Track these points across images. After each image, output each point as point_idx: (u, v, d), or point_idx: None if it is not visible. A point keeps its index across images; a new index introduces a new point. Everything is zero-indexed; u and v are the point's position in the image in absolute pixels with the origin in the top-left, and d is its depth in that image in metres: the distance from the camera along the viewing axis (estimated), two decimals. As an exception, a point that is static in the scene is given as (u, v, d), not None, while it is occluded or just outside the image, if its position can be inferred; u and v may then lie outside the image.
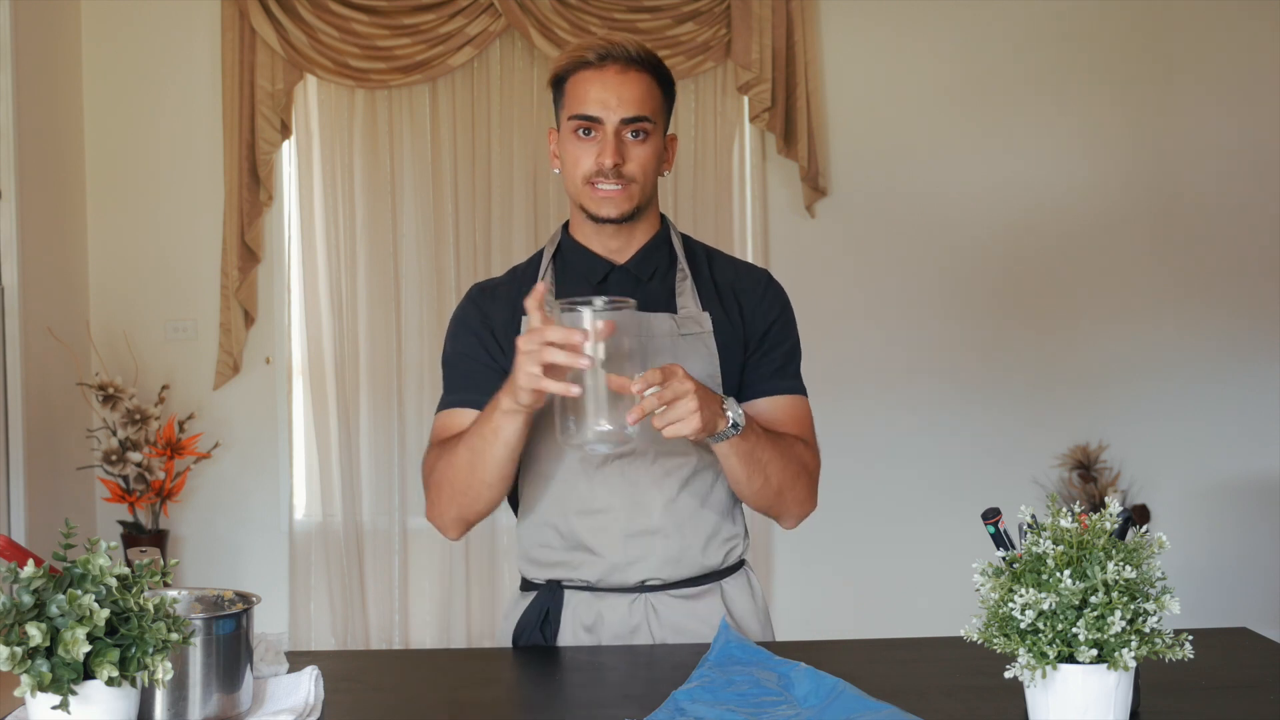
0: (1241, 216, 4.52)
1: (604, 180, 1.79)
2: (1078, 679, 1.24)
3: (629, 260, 1.87)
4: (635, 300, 1.59)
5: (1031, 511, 1.32)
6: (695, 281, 1.87)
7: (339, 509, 4.42)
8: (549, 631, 1.85)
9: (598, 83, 1.78)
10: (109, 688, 1.23)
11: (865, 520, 4.49)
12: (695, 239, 1.97)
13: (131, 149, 4.44)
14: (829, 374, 4.53)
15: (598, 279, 1.86)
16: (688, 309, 1.84)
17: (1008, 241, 4.51)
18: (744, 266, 1.95)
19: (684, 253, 1.90)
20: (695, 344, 1.82)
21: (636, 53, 1.80)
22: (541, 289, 1.58)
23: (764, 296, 1.89)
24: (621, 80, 1.78)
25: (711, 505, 1.85)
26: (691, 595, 1.85)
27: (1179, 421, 4.52)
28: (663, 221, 1.93)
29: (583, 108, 1.79)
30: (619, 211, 1.80)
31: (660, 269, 1.88)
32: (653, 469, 1.82)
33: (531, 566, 1.90)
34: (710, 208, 4.41)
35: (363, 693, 1.59)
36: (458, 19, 4.33)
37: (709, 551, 1.85)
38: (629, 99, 1.78)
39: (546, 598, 1.87)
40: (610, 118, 1.78)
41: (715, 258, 1.94)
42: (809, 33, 4.39)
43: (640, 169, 1.80)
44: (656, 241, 1.89)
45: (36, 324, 3.97)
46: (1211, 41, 4.51)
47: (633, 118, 1.78)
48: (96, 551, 1.27)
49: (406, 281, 4.44)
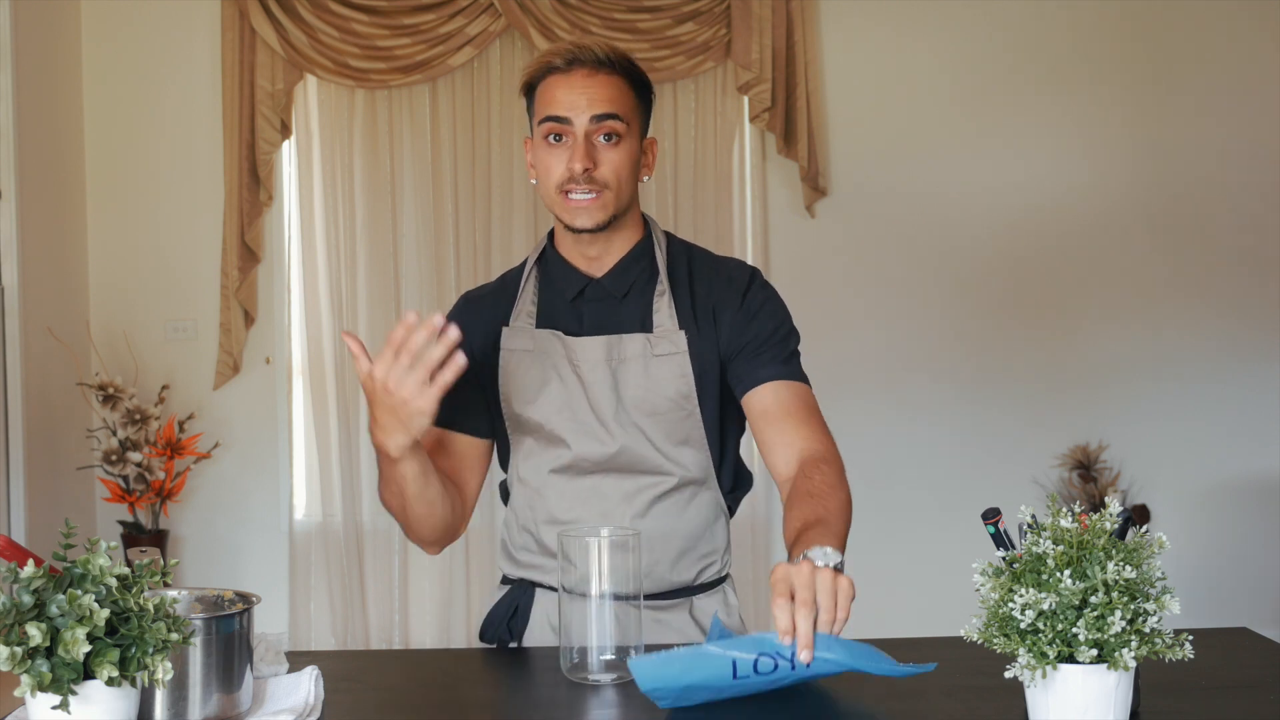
0: (1242, 216, 4.52)
1: (577, 188, 1.75)
2: (1078, 679, 1.24)
3: (605, 274, 1.83)
4: (640, 530, 1.60)
5: (1031, 511, 1.32)
6: (674, 295, 1.82)
7: (339, 509, 4.42)
8: (516, 627, 1.86)
9: (565, 86, 1.76)
10: (109, 688, 1.23)
11: (865, 520, 4.46)
12: (680, 239, 1.92)
13: (131, 149, 4.44)
14: (829, 374, 4.52)
15: (572, 295, 1.83)
16: (664, 326, 1.80)
17: (1008, 241, 4.51)
18: (724, 274, 1.86)
19: (666, 262, 1.85)
20: (669, 365, 1.79)
21: (605, 55, 1.77)
22: (412, 322, 1.50)
23: (742, 308, 1.82)
24: (590, 82, 1.75)
25: (685, 523, 1.83)
26: (660, 607, 1.84)
27: (1179, 421, 4.52)
28: (646, 228, 1.88)
29: (551, 109, 1.76)
30: (593, 221, 1.77)
31: (638, 283, 1.83)
32: (623, 484, 1.80)
33: (508, 563, 1.92)
34: (710, 208, 4.41)
35: (363, 693, 1.59)
36: (458, 19, 4.33)
37: (678, 568, 1.83)
38: (597, 98, 1.75)
39: (518, 594, 1.88)
40: (579, 118, 1.74)
41: (697, 266, 1.87)
42: (809, 33, 4.39)
43: (614, 173, 1.76)
44: (637, 252, 1.84)
45: (36, 324, 3.97)
46: (1212, 42, 4.51)
47: (602, 115, 1.74)
48: (96, 551, 1.27)
49: (406, 281, 4.44)
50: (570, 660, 1.56)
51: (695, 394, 1.80)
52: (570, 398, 1.78)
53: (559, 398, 1.79)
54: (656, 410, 1.79)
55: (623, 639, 1.55)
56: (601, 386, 1.78)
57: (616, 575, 1.54)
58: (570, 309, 1.83)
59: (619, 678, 1.55)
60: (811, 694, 1.55)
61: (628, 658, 1.53)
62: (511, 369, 1.82)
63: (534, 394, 1.80)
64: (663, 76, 4.35)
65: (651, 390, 1.78)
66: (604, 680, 1.55)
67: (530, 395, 1.80)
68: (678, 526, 1.83)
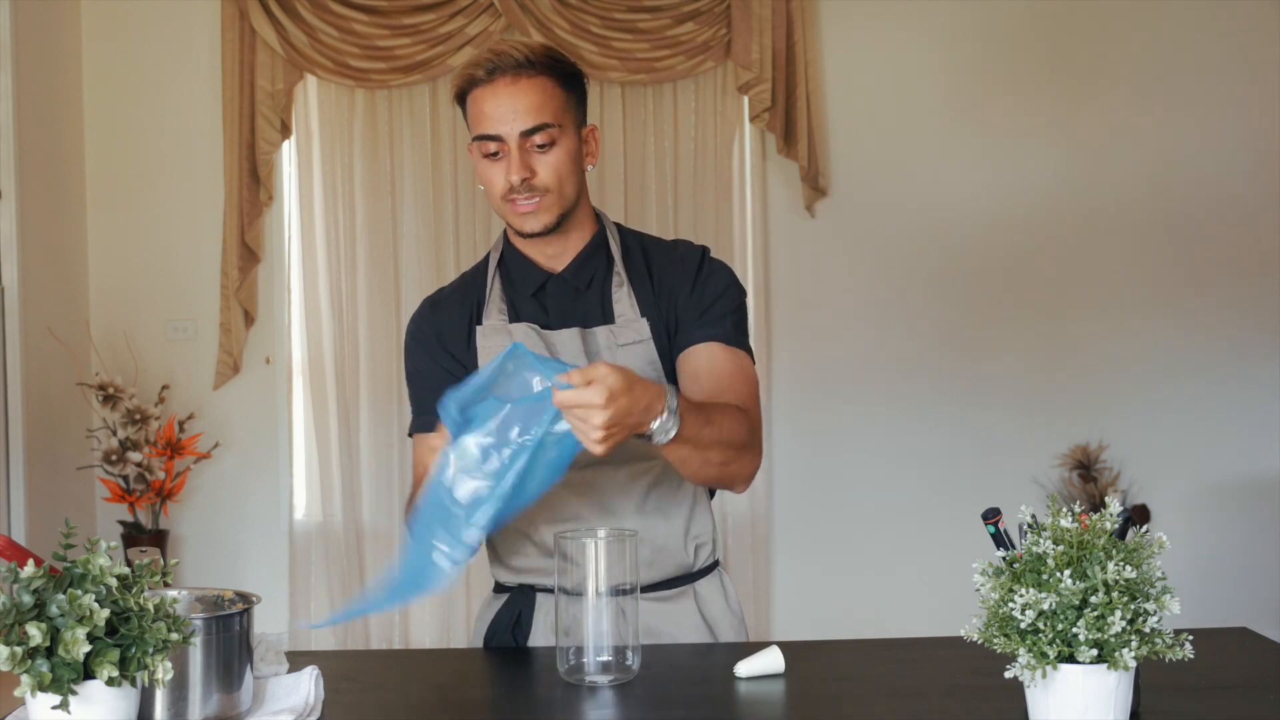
0: (1242, 216, 4.52)
1: (519, 195, 1.76)
2: (1078, 679, 1.24)
3: (565, 269, 1.84)
4: (637, 530, 1.61)
5: (1031, 511, 1.32)
6: (633, 284, 1.83)
7: (339, 509, 4.42)
8: (520, 635, 1.85)
9: (491, 98, 1.74)
10: (109, 688, 1.23)
11: (865, 520, 4.49)
12: (630, 229, 1.93)
13: (131, 149, 4.44)
14: (829, 373, 4.54)
15: (534, 289, 1.84)
16: (625, 316, 1.82)
17: (1008, 241, 4.51)
18: (677, 256, 1.87)
19: (621, 253, 1.86)
20: (635, 353, 1.80)
21: (526, 56, 1.75)
22: None
23: (692, 291, 1.82)
24: (513, 91, 1.74)
25: (681, 502, 1.84)
26: (666, 598, 1.84)
27: (1179, 421, 4.52)
28: (598, 221, 1.89)
29: (481, 127, 1.76)
30: (541, 225, 1.78)
31: (598, 275, 1.84)
32: (618, 474, 1.81)
33: (505, 572, 1.90)
34: (710, 208, 4.41)
35: (363, 693, 1.59)
36: (458, 19, 4.33)
37: (687, 550, 1.85)
38: (524, 109, 1.73)
39: (519, 601, 1.87)
40: (509, 132, 1.74)
41: (652, 254, 1.88)
42: (809, 33, 4.39)
43: (553, 176, 1.76)
44: (593, 246, 1.85)
45: (36, 324, 3.97)
46: (1212, 41, 4.51)
47: (531, 129, 1.74)
48: (96, 551, 1.27)
49: (406, 281, 4.44)
50: (567, 662, 1.56)
51: (665, 380, 1.80)
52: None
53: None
54: None
55: (619, 640, 1.54)
56: None
57: (613, 575, 1.54)
58: (533, 304, 1.84)
59: (616, 679, 1.55)
60: (812, 694, 1.55)
61: (624, 659, 1.53)
62: None
63: None
64: (663, 76, 4.35)
65: None
66: (600, 682, 1.54)
67: None
68: (677, 507, 1.84)
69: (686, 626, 1.85)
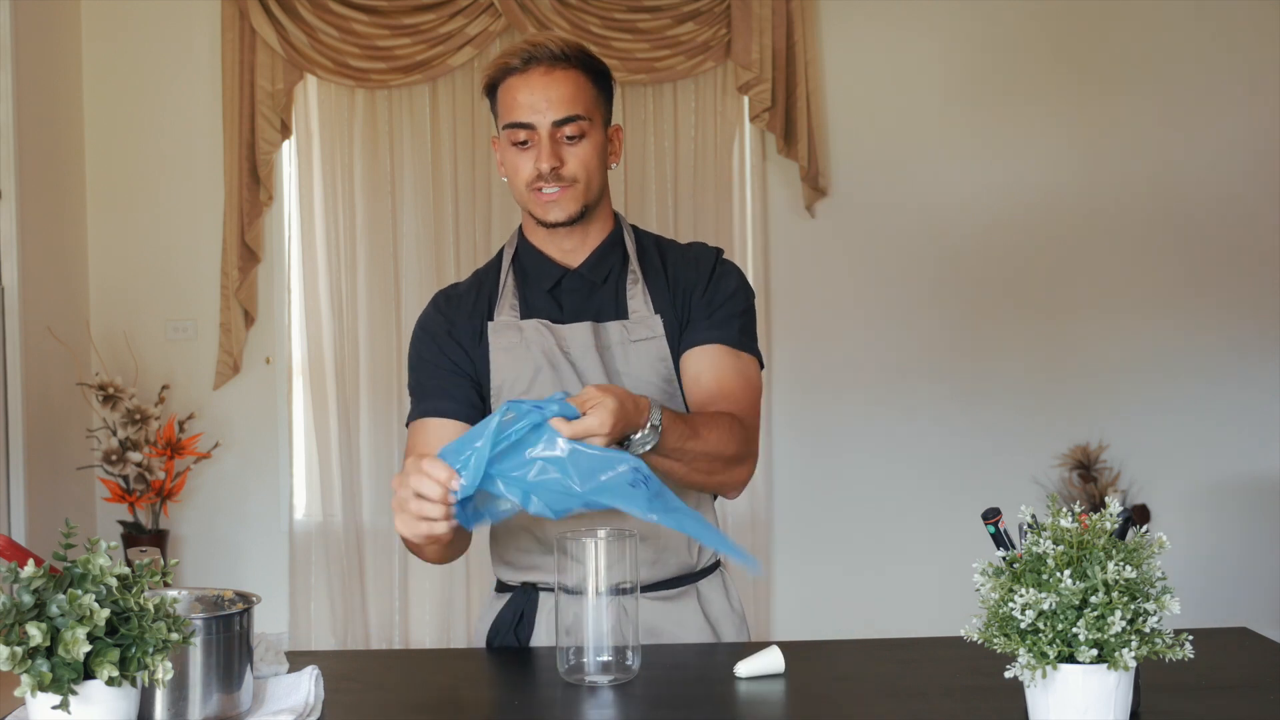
0: (1242, 216, 4.52)
1: (546, 184, 1.78)
2: (1078, 679, 1.24)
3: (582, 264, 1.85)
4: (638, 532, 1.61)
5: (1031, 511, 1.32)
6: (647, 282, 1.85)
7: (339, 509, 4.42)
8: (523, 633, 1.85)
9: (525, 88, 1.77)
10: (109, 688, 1.23)
11: (865, 520, 4.49)
12: (645, 230, 1.94)
13: (131, 149, 4.44)
14: (829, 373, 4.54)
15: (550, 284, 1.85)
16: (639, 313, 1.82)
17: (1008, 241, 4.51)
18: (691, 257, 1.89)
19: (636, 252, 1.87)
20: (647, 349, 1.81)
21: (561, 50, 1.77)
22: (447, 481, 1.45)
23: (705, 290, 1.84)
24: (548, 81, 1.76)
25: (687, 501, 1.84)
26: (669, 597, 1.85)
27: (1179, 421, 4.52)
28: (616, 220, 1.90)
29: (513, 115, 1.77)
30: (566, 214, 1.79)
31: (614, 271, 1.86)
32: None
33: (507, 570, 1.90)
34: (710, 208, 4.41)
35: (363, 693, 1.59)
36: (458, 19, 4.33)
37: (688, 549, 1.85)
38: (558, 100, 1.76)
39: (521, 600, 1.87)
40: (541, 121, 1.76)
41: (667, 254, 1.90)
42: (809, 33, 4.39)
43: (581, 167, 1.78)
44: (610, 242, 1.87)
45: (36, 324, 3.97)
46: (1211, 41, 4.51)
47: (564, 119, 1.76)
48: (96, 551, 1.27)
49: (406, 281, 4.44)
50: (567, 662, 1.56)
51: (676, 377, 1.81)
52: (564, 384, 1.79)
53: (552, 385, 1.79)
54: (643, 394, 1.79)
55: (620, 640, 1.54)
56: (594, 371, 1.79)
57: (614, 575, 1.54)
58: (549, 299, 1.85)
59: (616, 679, 1.55)
60: (812, 694, 1.55)
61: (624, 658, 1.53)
62: (502, 362, 1.82)
63: (528, 383, 1.80)
64: (663, 76, 4.35)
65: (633, 376, 1.80)
66: (600, 682, 1.54)
67: (524, 385, 1.81)
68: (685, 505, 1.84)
69: (689, 626, 1.85)
